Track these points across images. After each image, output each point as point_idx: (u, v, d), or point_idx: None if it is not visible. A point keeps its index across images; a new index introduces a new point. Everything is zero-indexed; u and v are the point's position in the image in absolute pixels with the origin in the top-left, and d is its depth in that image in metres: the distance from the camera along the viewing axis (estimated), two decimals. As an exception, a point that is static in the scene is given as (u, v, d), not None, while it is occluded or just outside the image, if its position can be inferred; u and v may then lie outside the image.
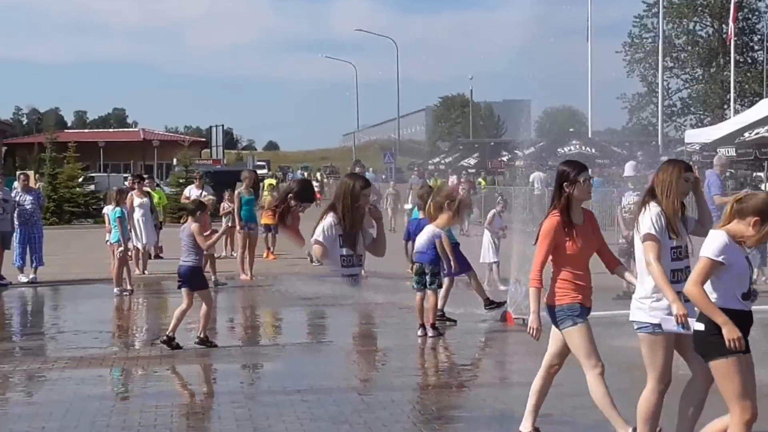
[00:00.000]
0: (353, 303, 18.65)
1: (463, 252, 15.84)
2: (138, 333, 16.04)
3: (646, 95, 73.99)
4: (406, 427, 9.29)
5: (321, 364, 12.77)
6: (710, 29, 76.54)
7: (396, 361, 13.13)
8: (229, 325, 16.87)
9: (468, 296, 16.19)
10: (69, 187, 44.56)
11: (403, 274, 21.74)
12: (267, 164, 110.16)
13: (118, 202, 19.94)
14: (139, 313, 18.27)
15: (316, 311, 18.18)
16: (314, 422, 9.50)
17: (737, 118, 38.51)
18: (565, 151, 43.68)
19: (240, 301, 19.89)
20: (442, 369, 12.92)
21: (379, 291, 19.56)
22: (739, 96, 66.74)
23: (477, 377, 12.28)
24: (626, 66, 75.76)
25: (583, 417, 9.58)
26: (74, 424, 9.54)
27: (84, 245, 31.10)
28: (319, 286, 20.34)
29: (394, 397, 10.53)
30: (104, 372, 12.34)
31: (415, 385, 11.53)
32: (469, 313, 15.81)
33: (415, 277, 14.49)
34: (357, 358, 13.60)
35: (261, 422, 9.51)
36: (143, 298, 19.57)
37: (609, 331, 14.31)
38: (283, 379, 11.97)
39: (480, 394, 10.88)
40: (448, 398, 10.89)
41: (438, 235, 14.29)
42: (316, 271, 22.75)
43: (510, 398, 10.66)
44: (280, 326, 17.18)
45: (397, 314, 16.79)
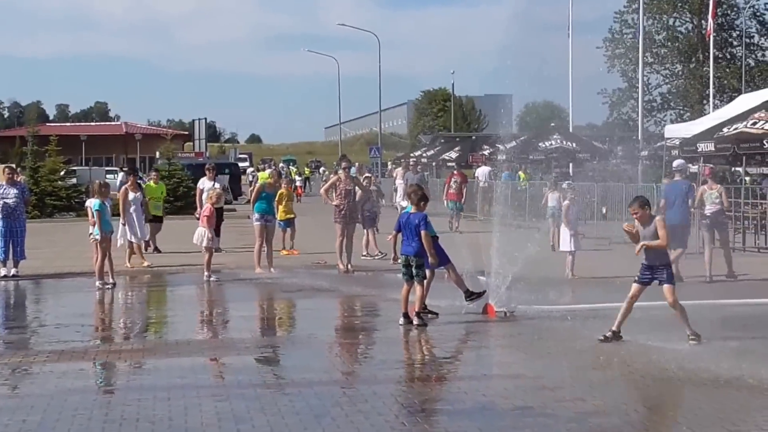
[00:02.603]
0: (336, 295, 18.63)
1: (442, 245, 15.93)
2: (120, 326, 15.96)
3: (627, 90, 74.08)
4: (388, 420, 9.26)
5: (303, 357, 12.72)
6: (690, 25, 76.69)
7: (378, 354, 13.12)
8: (210, 319, 16.81)
9: (450, 288, 16.17)
10: (51, 180, 44.37)
11: (387, 267, 21.77)
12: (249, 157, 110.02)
13: (102, 195, 19.85)
14: (121, 306, 18.19)
15: (298, 304, 18.14)
16: (296, 415, 9.46)
17: (716, 114, 38.62)
18: (546, 145, 43.68)
19: (222, 295, 19.83)
20: (424, 362, 12.89)
21: (362, 284, 19.55)
22: (718, 91, 66.89)
23: (459, 370, 12.26)
24: (607, 61, 75.91)
25: (564, 409, 9.57)
26: (56, 418, 9.47)
27: (66, 239, 30.98)
28: (303, 279, 20.32)
29: (376, 390, 10.50)
30: (86, 365, 12.26)
31: (398, 378, 11.50)
32: (450, 305, 15.79)
33: (402, 268, 15.06)
34: (339, 351, 13.56)
35: (242, 416, 9.46)
36: (126, 292, 19.48)
37: (589, 323, 14.36)
38: (264, 372, 11.94)
39: (462, 387, 10.86)
40: (430, 391, 10.86)
41: (421, 218, 14.91)
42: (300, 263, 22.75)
43: (491, 391, 10.64)
44: (262, 319, 17.12)
45: (380, 307, 16.79)
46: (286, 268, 21.78)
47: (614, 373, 11.27)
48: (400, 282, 15.31)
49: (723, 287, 19.29)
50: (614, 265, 20.55)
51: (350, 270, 21.62)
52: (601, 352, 12.30)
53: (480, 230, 28.16)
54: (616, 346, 12.62)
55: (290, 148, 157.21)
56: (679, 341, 12.50)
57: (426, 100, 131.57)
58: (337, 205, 21.98)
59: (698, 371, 11.06)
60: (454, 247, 17.07)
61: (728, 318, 15.82)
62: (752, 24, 75.76)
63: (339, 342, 14.35)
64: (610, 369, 11.45)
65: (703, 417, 9.33)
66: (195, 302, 18.76)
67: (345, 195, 21.98)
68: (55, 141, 46.17)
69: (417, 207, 15.21)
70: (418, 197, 15.28)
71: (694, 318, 14.55)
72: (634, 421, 9.13)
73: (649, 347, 12.31)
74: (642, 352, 12.10)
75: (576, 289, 18.68)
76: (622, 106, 75.37)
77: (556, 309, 15.51)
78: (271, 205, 22.17)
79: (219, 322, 16.50)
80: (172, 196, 41.47)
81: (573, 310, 15.54)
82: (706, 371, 11.05)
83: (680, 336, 12.76)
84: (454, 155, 59.50)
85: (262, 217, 21.85)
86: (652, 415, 9.40)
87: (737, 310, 16.91)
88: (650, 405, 9.80)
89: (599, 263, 20.86)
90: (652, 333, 13.00)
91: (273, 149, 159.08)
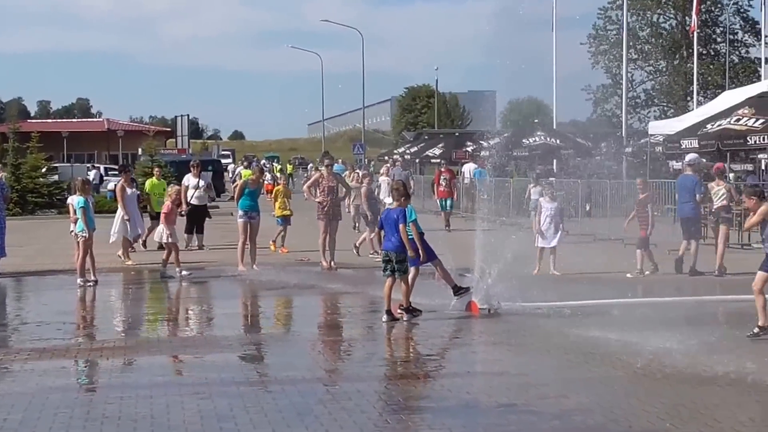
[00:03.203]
0: (319, 293, 18.62)
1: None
2: (102, 324, 15.91)
3: (611, 87, 74.22)
4: (371, 418, 9.27)
5: (286, 355, 12.72)
6: (674, 21, 76.87)
7: (361, 352, 13.12)
8: (192, 316, 16.79)
9: (433, 286, 16.18)
10: (32, 177, 44.19)
11: (370, 264, 21.77)
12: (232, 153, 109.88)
13: (84, 192, 19.79)
14: (103, 304, 18.13)
15: (281, 301, 18.13)
16: (279, 413, 9.46)
17: (700, 110, 38.74)
18: (529, 142, 43.75)
19: (204, 292, 19.80)
20: (408, 359, 12.91)
21: (345, 281, 19.55)
22: (702, 88, 67.07)
23: (443, 367, 12.26)
24: (591, 58, 76.00)
25: (547, 406, 9.59)
26: (36, 416, 9.44)
27: (47, 236, 30.88)
28: (286, 276, 20.30)
29: (359, 387, 10.50)
30: (68, 363, 12.24)
31: (381, 376, 11.51)
32: (434, 302, 15.79)
33: (383, 264, 15.16)
34: (322, 348, 13.56)
35: (225, 413, 9.45)
36: (108, 289, 19.42)
37: (573, 320, 14.40)
38: (247, 370, 11.92)
39: (445, 384, 10.87)
40: (414, 388, 10.87)
41: (400, 213, 15.02)
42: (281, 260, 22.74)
43: (475, 388, 10.66)
44: (244, 316, 17.11)
45: (364, 304, 16.78)
46: (270, 265, 21.75)
47: (598, 370, 11.30)
48: (383, 279, 15.31)
49: (705, 282, 19.37)
50: (598, 262, 20.61)
51: (333, 267, 21.62)
52: (584, 350, 12.33)
53: (465, 228, 28.23)
54: (599, 344, 12.65)
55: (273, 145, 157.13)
56: (661, 338, 12.52)
57: (410, 97, 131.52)
58: (320, 202, 21.96)
59: (681, 367, 11.10)
60: (441, 244, 17.08)
61: (709, 314, 15.89)
62: (736, 20, 76.01)
63: (322, 339, 14.34)
64: (594, 366, 11.48)
65: (685, 413, 9.36)
66: (177, 300, 18.73)
67: (328, 192, 21.96)
68: (37, 138, 45.98)
69: (398, 203, 15.25)
70: (400, 193, 15.34)
71: (673, 314, 14.64)
72: (618, 418, 9.16)
73: (633, 344, 12.33)
74: (625, 349, 12.13)
75: (560, 286, 18.68)
76: (605, 103, 75.53)
77: (539, 306, 15.53)
78: (255, 202, 22.11)
79: (202, 319, 16.46)
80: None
81: (557, 306, 15.57)
82: (688, 367, 11.09)
83: (663, 333, 12.79)
84: (438, 152, 59.48)
85: (246, 214, 21.78)
86: (635, 411, 9.43)
87: (718, 306, 16.99)
88: (633, 401, 9.83)
89: (583, 260, 20.89)
90: (635, 330, 13.03)
91: (256, 146, 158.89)
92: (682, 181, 21.67)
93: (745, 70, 73.45)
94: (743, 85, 49.47)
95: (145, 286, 20.33)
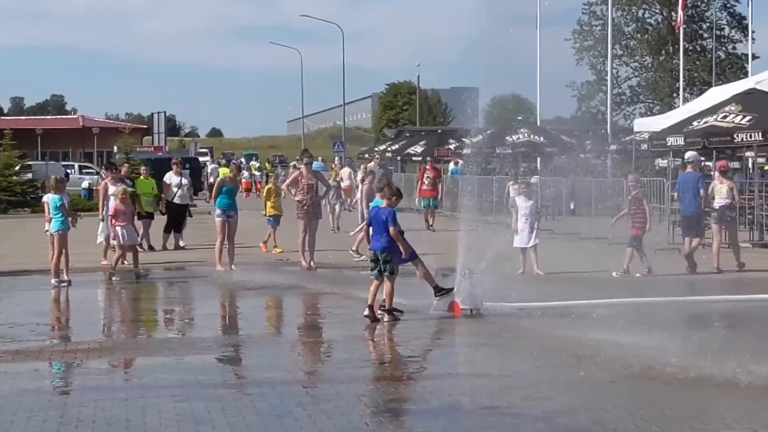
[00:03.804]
0: (299, 293, 18.60)
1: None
2: (77, 325, 15.87)
3: (596, 83, 74.29)
4: (351, 421, 9.26)
5: (265, 357, 12.70)
6: (659, 17, 77.03)
7: (342, 353, 13.10)
8: (169, 317, 16.76)
9: (415, 286, 16.16)
10: (5, 175, 44.03)
11: (351, 264, 21.76)
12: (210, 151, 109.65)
13: (58, 190, 19.68)
14: (77, 304, 18.07)
15: (260, 302, 18.10)
16: (257, 416, 9.45)
17: (686, 107, 38.80)
18: (513, 139, 43.79)
19: (182, 292, 19.77)
20: (389, 361, 12.91)
21: (325, 281, 19.53)
22: (688, 84, 67.20)
23: (424, 369, 12.26)
24: (575, 54, 76.10)
25: (531, 408, 9.61)
26: (9, 419, 9.40)
27: (21, 235, 30.78)
28: (264, 276, 20.27)
29: (339, 390, 10.49)
30: (41, 365, 12.20)
31: (361, 378, 11.50)
32: (416, 303, 15.78)
33: (371, 264, 15.20)
34: (302, 350, 13.56)
35: (202, 417, 9.43)
36: (83, 290, 19.35)
37: (557, 321, 14.42)
38: (225, 372, 11.91)
39: (427, 386, 10.88)
40: (395, 391, 10.86)
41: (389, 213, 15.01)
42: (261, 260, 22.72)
43: (457, 390, 10.66)
44: (222, 317, 17.08)
45: (344, 305, 16.75)
46: (248, 265, 21.72)
47: (583, 372, 11.30)
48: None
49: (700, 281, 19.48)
50: (583, 262, 20.64)
51: (313, 267, 21.60)
52: (569, 351, 12.35)
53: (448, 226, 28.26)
54: (584, 345, 12.66)
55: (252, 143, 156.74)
56: (648, 339, 12.54)
57: (391, 93, 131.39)
58: (300, 201, 21.94)
59: (667, 369, 11.10)
60: (423, 244, 17.08)
61: (700, 314, 15.94)
62: (722, 16, 76.18)
63: (301, 341, 14.34)
64: (579, 367, 11.49)
65: (671, 415, 9.39)
66: (155, 300, 18.70)
67: (307, 190, 21.94)
68: (10, 135, 45.84)
69: (389, 202, 15.21)
70: (392, 192, 15.31)
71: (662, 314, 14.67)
72: (603, 420, 9.17)
73: (619, 345, 12.34)
74: (611, 350, 12.13)
75: (544, 286, 18.69)
76: (590, 100, 75.61)
77: (523, 306, 15.53)
78: (233, 200, 22.05)
79: (179, 320, 16.44)
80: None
81: (541, 307, 15.59)
82: (674, 369, 11.09)
83: (649, 334, 12.81)
84: (420, 149, 59.43)
85: (224, 213, 21.72)
86: (620, 413, 9.45)
87: (709, 306, 17.03)
88: (619, 404, 9.85)
89: (568, 259, 20.92)
90: (621, 331, 13.05)
91: (234, 143, 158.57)
92: (684, 179, 22.15)
93: (731, 66, 73.67)
94: (730, 82, 49.64)
95: (122, 287, 20.25)
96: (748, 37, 61.97)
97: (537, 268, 20.41)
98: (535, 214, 21.16)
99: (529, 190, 21.91)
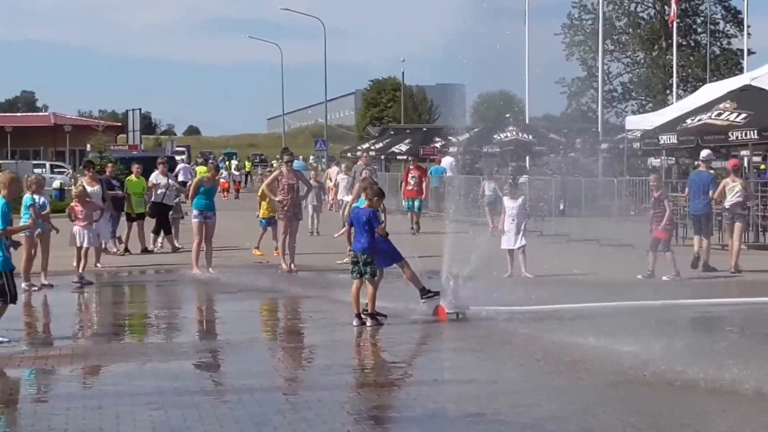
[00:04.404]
0: (279, 296, 18.61)
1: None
2: (48, 330, 15.84)
3: (586, 80, 74.36)
4: (333, 429, 9.28)
5: (243, 363, 12.71)
6: (652, 11, 77.14)
7: (323, 359, 13.11)
8: (144, 322, 16.73)
9: (398, 289, 16.19)
10: (-26, 175, 43.88)
11: (333, 267, 21.77)
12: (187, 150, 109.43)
13: (35, 190, 19.57)
14: (49, 309, 18.03)
15: (238, 305, 18.08)
16: (236, 424, 9.46)
17: (679, 104, 38.97)
18: (501, 137, 43.79)
19: (158, 296, 19.75)
20: (372, 367, 12.92)
21: (306, 284, 19.53)
22: (682, 81, 67.40)
23: (409, 375, 12.30)
24: (565, 49, 76.13)
25: (518, 415, 9.64)
26: (-22, 429, 9.41)
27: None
28: (243, 279, 20.27)
29: (320, 396, 10.51)
30: (11, 372, 12.19)
31: (344, 384, 11.51)
32: (400, 306, 15.80)
33: (351, 266, 15.20)
34: (282, 356, 13.57)
35: (179, 425, 9.44)
36: (55, 294, 19.28)
37: (546, 325, 14.46)
38: (203, 378, 11.91)
39: (411, 393, 10.89)
40: (378, 398, 10.88)
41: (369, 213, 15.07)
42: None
43: (442, 397, 10.69)
44: (199, 322, 17.06)
45: (326, 309, 16.76)
46: (226, 268, 21.72)
47: (572, 378, 11.35)
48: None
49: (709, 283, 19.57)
50: (572, 264, 20.67)
51: (293, 269, 21.60)
52: (558, 356, 12.38)
53: (433, 228, 28.30)
54: (573, 350, 12.70)
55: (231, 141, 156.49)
56: (638, 344, 12.57)
57: (375, 90, 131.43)
58: (280, 201, 21.94)
59: (660, 374, 11.14)
60: (408, 246, 17.10)
61: (694, 318, 16.01)
62: (717, 10, 76.33)
63: (281, 346, 14.35)
64: (568, 373, 11.54)
65: (663, 422, 9.44)
66: (130, 305, 18.68)
67: (288, 190, 21.93)
68: (-22, 133, 45.74)
69: (370, 202, 15.25)
70: (374, 192, 15.34)
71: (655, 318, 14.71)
72: (593, 428, 9.22)
73: (609, 350, 12.39)
74: (601, 355, 12.19)
75: (532, 289, 18.73)
76: (581, 96, 75.68)
77: (510, 310, 15.55)
78: (211, 201, 22.03)
79: (155, 325, 16.42)
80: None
81: (529, 311, 15.62)
82: (665, 374, 11.13)
83: (639, 338, 12.84)
84: (405, 148, 59.42)
85: (201, 214, 21.71)
86: (611, 420, 9.49)
87: (706, 309, 17.07)
88: (609, 410, 9.89)
89: (557, 261, 20.96)
90: (611, 336, 13.07)
91: (212, 142, 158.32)
92: (696, 178, 22.47)
93: (726, 62, 73.80)
94: (725, 78, 49.81)
95: (96, 290, 20.19)
96: (743, 31, 62.08)
97: (525, 271, 20.45)
98: (523, 214, 21.12)
99: (515, 190, 21.87)
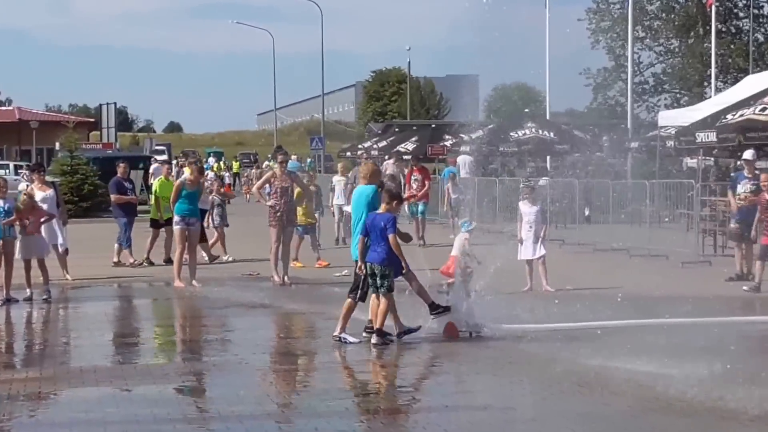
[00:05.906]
0: (270, 313, 18.64)
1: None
2: (11, 351, 15.87)
3: (614, 70, 74.34)
4: (331, 460, 9.31)
5: (231, 386, 12.72)
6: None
7: (320, 383, 13.14)
8: (121, 341, 16.74)
9: (405, 304, 16.18)
10: (-69, 176, 43.96)
11: (330, 280, 21.79)
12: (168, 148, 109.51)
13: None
14: (12, 327, 18.05)
15: (226, 323, 18.10)
16: (223, 455, 9.49)
17: (718, 98, 38.91)
18: (518, 135, 43.79)
19: (136, 312, 19.78)
20: (376, 391, 12.93)
21: (300, 299, 19.57)
22: (721, 72, 67.35)
23: (417, 400, 12.31)
24: (590, 36, 76.03)
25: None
26: (-64, 460, 9.44)
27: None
28: (231, 293, 20.29)
29: (317, 424, 10.54)
30: (-28, 397, 12.23)
31: (343, 411, 11.53)
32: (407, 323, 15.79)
33: (369, 279, 15.03)
34: (274, 379, 13.59)
35: (160, 455, 9.47)
36: (17, 310, 19.26)
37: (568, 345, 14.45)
38: (186, 404, 11.94)
39: (420, 421, 10.93)
40: (382, 426, 10.91)
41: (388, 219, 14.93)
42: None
43: (454, 425, 10.72)
44: (183, 341, 17.09)
45: (322, 326, 16.76)
46: (213, 280, 21.75)
47: (595, 403, 11.38)
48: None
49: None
50: (598, 276, 20.68)
51: (287, 282, 21.58)
52: (579, 379, 12.40)
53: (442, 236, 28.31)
54: (596, 372, 12.71)
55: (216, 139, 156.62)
56: (666, 366, 12.56)
57: (377, 82, 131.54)
58: (272, 206, 21.91)
59: (692, 400, 11.16)
60: (416, 256, 17.11)
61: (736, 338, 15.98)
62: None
63: (274, 368, 14.37)
64: (591, 398, 11.57)
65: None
66: (104, 322, 18.68)
67: (281, 194, 21.88)
68: (-65, 130, 45.85)
69: (388, 207, 15.15)
70: (391, 196, 15.29)
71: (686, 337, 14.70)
72: (620, 459, 9.25)
73: (637, 372, 12.41)
74: (627, 378, 12.20)
75: (553, 304, 18.75)
76: (608, 89, 75.65)
77: (528, 328, 15.58)
78: (194, 206, 22.03)
79: (132, 345, 16.41)
80: (76, 196, 41.24)
81: (548, 329, 15.63)
82: (701, 400, 11.14)
83: (673, 359, 12.84)
84: (411, 147, 59.43)
85: (183, 220, 21.68)
86: None
87: (750, 328, 17.06)
88: None
89: (581, 274, 20.99)
90: (638, 357, 13.08)
91: (196, 139, 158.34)
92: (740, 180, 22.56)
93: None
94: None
95: (69, 306, 20.21)
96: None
97: (545, 284, 20.44)
98: (541, 221, 21.07)
99: (533, 195, 21.80)
